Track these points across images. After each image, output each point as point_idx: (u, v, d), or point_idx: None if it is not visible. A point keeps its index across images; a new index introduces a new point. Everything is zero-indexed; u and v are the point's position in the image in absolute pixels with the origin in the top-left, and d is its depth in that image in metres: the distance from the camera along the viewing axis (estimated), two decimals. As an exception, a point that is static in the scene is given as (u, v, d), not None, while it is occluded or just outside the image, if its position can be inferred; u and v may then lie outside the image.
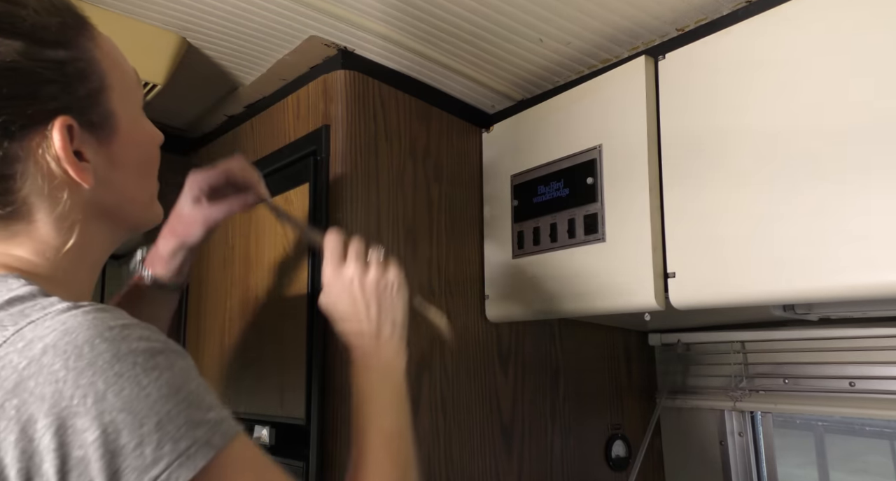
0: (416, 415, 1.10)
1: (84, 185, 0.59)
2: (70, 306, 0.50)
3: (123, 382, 0.47)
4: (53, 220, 0.59)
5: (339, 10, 1.02)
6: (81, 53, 0.59)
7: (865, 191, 0.78)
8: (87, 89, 0.59)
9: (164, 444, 0.47)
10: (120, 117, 0.63)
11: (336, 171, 1.09)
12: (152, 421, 0.47)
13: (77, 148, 0.58)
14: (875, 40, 0.79)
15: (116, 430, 0.46)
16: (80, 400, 0.46)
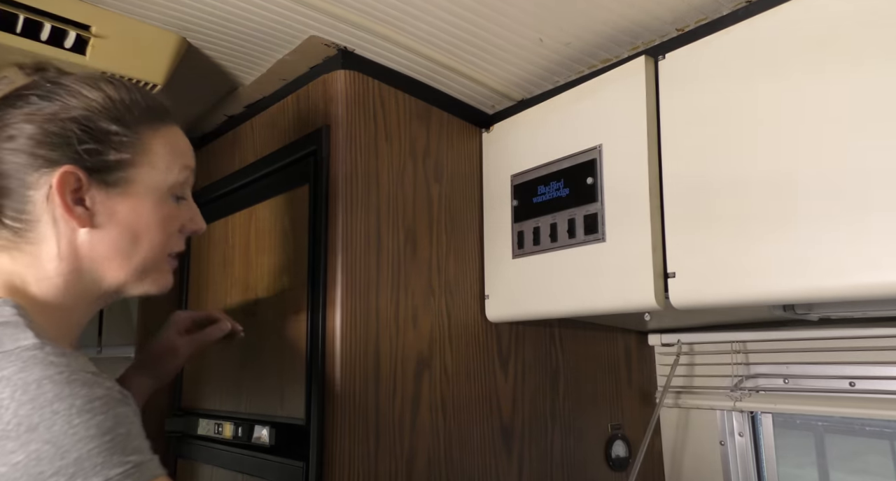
0: (417, 415, 1.10)
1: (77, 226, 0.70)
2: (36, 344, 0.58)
3: (56, 419, 0.54)
4: (55, 249, 0.69)
5: (339, 10, 1.02)
6: (130, 134, 0.73)
7: (866, 191, 0.78)
8: (117, 158, 0.72)
9: (76, 477, 0.53)
10: (137, 187, 0.74)
11: (336, 171, 1.09)
12: (72, 456, 0.53)
13: (82, 196, 0.70)
14: (875, 40, 0.79)
15: (39, 458, 0.53)
16: (15, 427, 0.53)
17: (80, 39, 1.00)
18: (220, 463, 1.26)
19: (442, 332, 1.17)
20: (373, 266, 1.09)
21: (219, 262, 1.38)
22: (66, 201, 0.68)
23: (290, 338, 1.13)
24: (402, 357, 1.10)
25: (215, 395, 1.32)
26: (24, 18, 0.95)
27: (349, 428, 1.01)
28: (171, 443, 1.43)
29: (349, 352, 1.04)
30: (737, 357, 1.38)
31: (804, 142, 0.84)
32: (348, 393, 1.02)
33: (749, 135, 0.89)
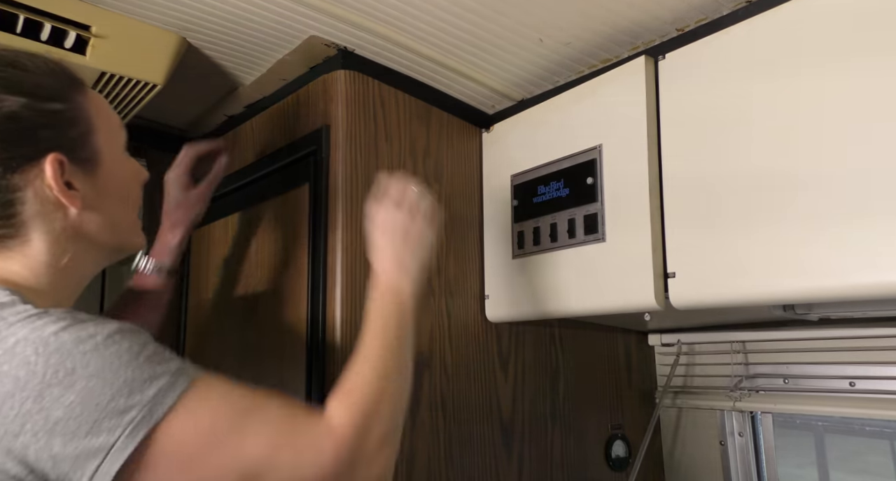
0: (416, 415, 1.10)
1: (73, 209, 0.71)
2: (40, 312, 0.61)
3: (89, 357, 0.58)
4: (46, 241, 0.71)
5: (339, 10, 1.02)
6: (73, 104, 0.73)
7: (866, 191, 0.78)
8: (76, 132, 0.73)
9: (133, 395, 0.58)
10: (104, 154, 0.76)
11: (336, 171, 1.09)
12: (120, 379, 0.58)
13: (67, 179, 0.71)
14: (874, 40, 0.79)
15: (90, 392, 0.57)
16: (53, 375, 0.57)
17: (80, 39, 1.00)
18: (220, 463, 1.26)
19: (442, 332, 1.17)
20: (373, 266, 1.09)
21: (219, 262, 1.38)
22: (62, 187, 0.70)
23: (291, 338, 1.13)
24: (402, 357, 1.10)
25: (215, 395, 1.32)
26: (24, 18, 0.95)
27: (349, 428, 1.01)
28: (171, 443, 1.43)
29: (349, 351, 1.03)
30: (737, 357, 1.38)
31: (804, 142, 0.84)
32: (348, 393, 1.02)
33: (749, 135, 0.89)
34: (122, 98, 1.15)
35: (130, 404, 0.58)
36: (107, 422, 0.57)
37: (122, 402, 0.58)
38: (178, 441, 0.60)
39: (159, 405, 0.60)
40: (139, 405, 0.58)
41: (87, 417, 0.57)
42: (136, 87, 1.11)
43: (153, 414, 0.59)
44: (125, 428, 0.58)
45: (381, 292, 0.86)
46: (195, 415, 0.62)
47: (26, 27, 0.96)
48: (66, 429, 0.56)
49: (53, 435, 0.56)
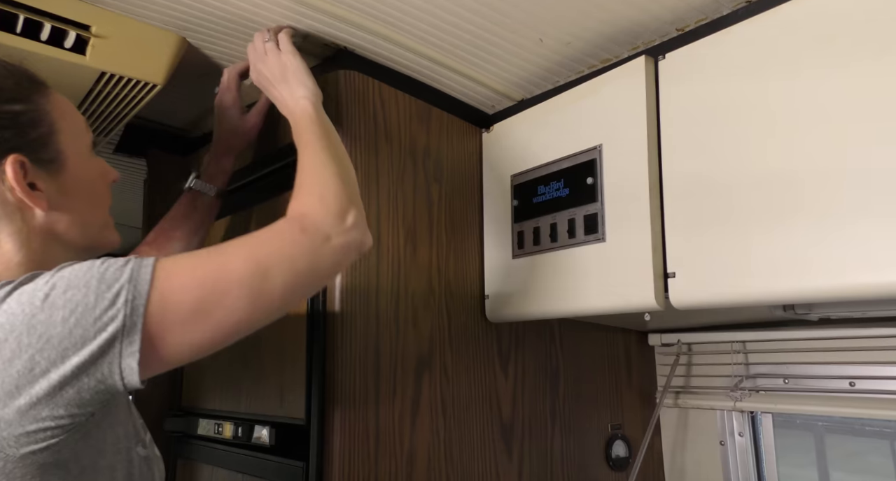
0: (416, 415, 1.10)
1: (38, 210, 0.73)
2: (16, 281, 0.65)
3: (60, 287, 0.62)
4: (16, 241, 0.72)
5: (339, 10, 1.02)
6: (33, 106, 0.74)
7: (866, 190, 0.78)
8: (37, 133, 0.74)
9: (113, 285, 0.63)
10: (68, 155, 0.77)
11: (336, 171, 1.09)
12: (93, 284, 0.63)
13: (31, 180, 0.72)
14: (874, 40, 0.79)
15: (74, 304, 0.61)
16: (40, 306, 0.61)
17: (80, 39, 1.00)
18: (220, 463, 1.26)
19: (442, 332, 1.17)
20: (373, 266, 1.09)
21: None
22: (25, 188, 0.71)
23: (290, 338, 1.13)
24: (402, 357, 1.10)
25: (215, 395, 1.32)
26: (24, 18, 0.95)
27: (349, 428, 1.01)
28: (171, 443, 1.43)
29: (349, 352, 1.04)
30: (737, 357, 1.38)
31: (804, 142, 0.84)
32: (348, 393, 1.02)
33: (749, 135, 0.89)
34: (122, 98, 1.15)
35: (115, 291, 0.63)
36: (106, 315, 0.62)
37: (108, 295, 0.63)
38: (176, 295, 0.65)
39: (140, 278, 0.64)
40: (123, 287, 0.63)
41: (85, 318, 0.61)
42: (136, 87, 1.11)
43: (140, 287, 0.63)
44: (123, 308, 0.62)
45: (296, 125, 0.93)
46: (177, 270, 0.67)
47: (26, 27, 0.96)
48: (71, 341, 0.61)
49: (66, 354, 0.60)
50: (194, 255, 0.71)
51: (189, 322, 0.66)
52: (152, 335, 0.64)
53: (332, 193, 0.80)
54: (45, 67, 1.01)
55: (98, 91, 1.11)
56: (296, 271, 0.73)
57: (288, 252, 0.73)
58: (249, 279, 0.69)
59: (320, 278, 0.78)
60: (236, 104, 1.13)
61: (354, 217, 0.80)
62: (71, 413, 0.62)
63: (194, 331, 0.67)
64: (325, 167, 0.84)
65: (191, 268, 0.68)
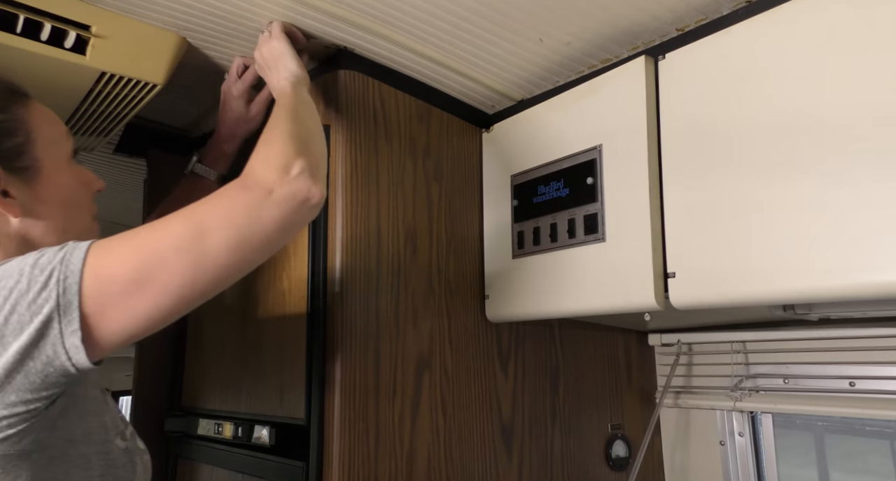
0: (416, 415, 1.10)
1: (12, 217, 0.75)
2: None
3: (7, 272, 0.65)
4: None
5: (339, 10, 1.02)
6: (10, 116, 0.76)
7: (866, 191, 0.78)
8: (12, 143, 0.76)
9: (45, 268, 0.64)
10: (45, 164, 0.78)
11: (336, 171, 1.09)
12: (27, 268, 0.65)
13: (3, 187, 0.74)
14: (874, 40, 0.79)
15: (8, 291, 0.63)
16: None
17: (80, 39, 1.00)
18: (220, 463, 1.26)
19: (442, 332, 1.17)
20: (373, 266, 1.09)
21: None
22: None
23: (290, 338, 1.13)
24: (402, 357, 1.10)
25: (215, 395, 1.32)
26: (25, 18, 0.95)
27: (349, 428, 1.01)
28: (171, 443, 1.43)
29: (349, 351, 1.04)
30: (737, 357, 1.38)
31: (803, 142, 0.84)
32: (348, 393, 1.02)
33: (749, 136, 0.89)
34: (122, 98, 1.15)
35: (48, 274, 0.64)
36: (41, 296, 0.63)
37: (40, 278, 0.64)
38: (112, 269, 0.66)
39: (72, 258, 0.65)
40: (56, 268, 0.64)
41: (20, 304, 0.63)
42: (136, 87, 1.11)
43: (72, 266, 0.64)
44: (55, 288, 0.63)
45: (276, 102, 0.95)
46: (111, 247, 0.67)
47: (26, 27, 0.96)
48: (9, 328, 0.62)
49: (6, 342, 0.62)
50: (132, 230, 0.70)
51: (129, 293, 0.66)
52: (92, 311, 0.64)
53: (276, 150, 0.79)
54: (45, 67, 1.01)
55: (98, 91, 1.11)
56: (236, 227, 0.70)
57: (226, 209, 0.72)
58: (188, 241, 0.68)
59: (266, 234, 0.73)
60: (242, 94, 1.14)
61: (300, 167, 0.76)
62: (24, 399, 0.63)
63: (137, 302, 0.66)
64: (278, 130, 0.83)
65: (126, 240, 0.68)
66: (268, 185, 0.74)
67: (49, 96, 1.11)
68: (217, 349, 1.35)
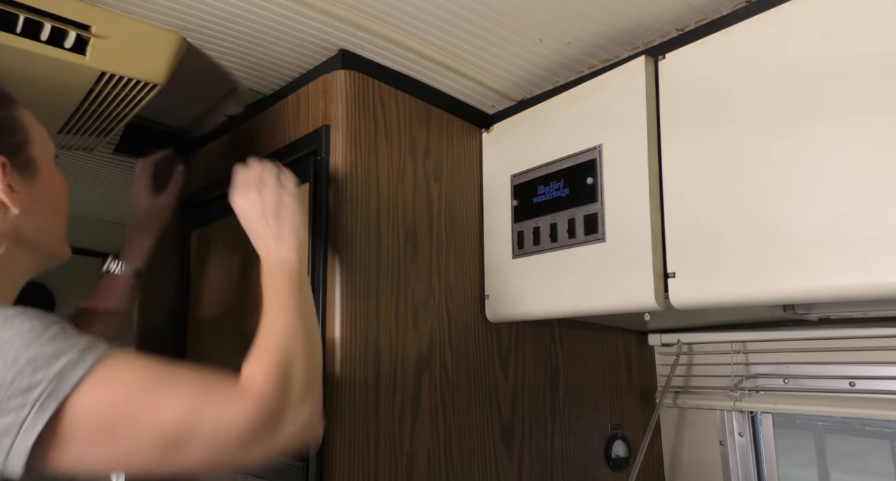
0: (417, 415, 1.10)
1: (14, 210, 0.76)
2: None
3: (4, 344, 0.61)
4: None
5: (339, 10, 1.02)
6: (9, 113, 0.79)
7: (867, 190, 0.78)
8: (14, 139, 0.78)
9: (38, 372, 0.60)
10: (40, 162, 0.82)
11: (336, 171, 1.09)
12: (22, 359, 0.60)
13: (9, 182, 0.76)
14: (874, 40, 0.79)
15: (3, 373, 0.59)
16: None
17: (80, 39, 1.00)
18: (220, 463, 1.26)
19: (442, 332, 1.17)
20: (373, 266, 1.09)
21: (218, 263, 1.38)
22: (6, 188, 0.75)
23: (290, 338, 1.13)
24: (402, 357, 1.10)
25: (215, 395, 1.32)
26: (25, 18, 0.95)
27: (349, 428, 1.01)
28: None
29: (349, 351, 1.04)
30: (737, 357, 1.38)
31: (804, 142, 0.84)
32: (348, 393, 1.02)
33: (749, 135, 0.89)
34: (122, 98, 1.15)
35: (35, 381, 0.59)
36: (13, 401, 0.59)
37: (26, 380, 0.59)
38: (91, 413, 0.62)
39: (66, 380, 0.61)
40: (45, 381, 0.60)
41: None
42: (136, 87, 1.11)
43: (60, 389, 0.60)
44: (32, 405, 0.59)
45: (271, 269, 0.87)
46: (107, 387, 0.63)
47: (26, 27, 0.96)
48: None
49: None
50: (135, 374, 0.66)
51: (93, 441, 0.62)
52: (53, 437, 0.60)
53: (296, 371, 0.73)
54: (45, 67, 1.01)
55: (98, 91, 1.11)
56: (223, 448, 0.66)
57: (226, 423, 0.66)
58: (169, 436, 0.64)
59: (248, 459, 0.69)
60: (148, 189, 1.23)
61: (312, 403, 0.73)
62: None
63: (94, 451, 0.63)
64: (295, 337, 0.78)
65: (123, 390, 0.64)
66: (276, 415, 0.69)
67: (49, 96, 1.12)
68: (217, 349, 1.35)
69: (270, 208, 0.92)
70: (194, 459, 0.65)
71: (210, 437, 0.65)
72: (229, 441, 0.66)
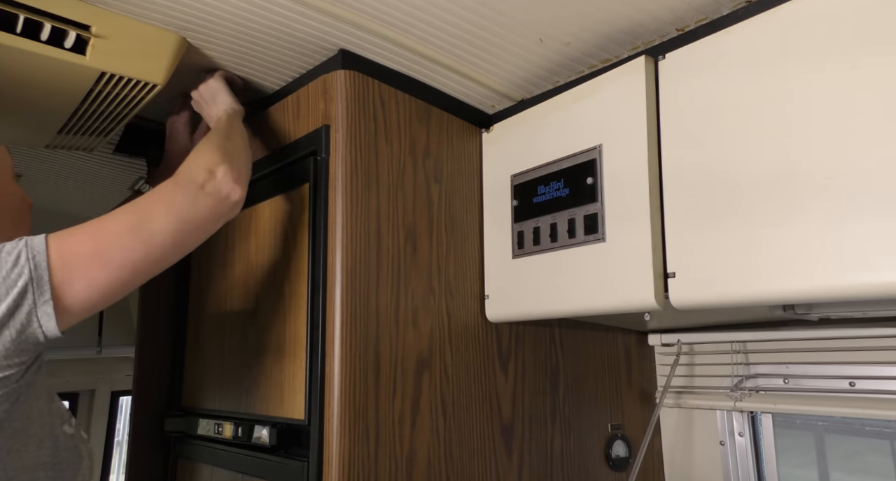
0: (417, 415, 1.10)
1: None
2: None
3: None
4: None
5: (339, 10, 1.02)
6: None
7: (866, 190, 0.78)
8: None
9: (18, 261, 0.74)
10: None
11: (336, 171, 1.09)
12: None
13: None
14: (874, 40, 0.79)
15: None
16: None
17: (80, 39, 1.00)
18: (220, 463, 1.26)
19: (442, 332, 1.17)
20: (373, 266, 1.09)
21: (219, 262, 1.38)
22: None
23: (290, 338, 1.13)
24: (402, 357, 1.10)
25: (215, 395, 1.33)
26: (25, 18, 0.95)
27: (349, 428, 1.01)
28: (171, 443, 1.43)
29: (349, 352, 1.04)
30: (737, 357, 1.38)
31: (804, 141, 0.84)
32: (348, 393, 1.02)
33: (749, 136, 0.89)
34: (122, 98, 1.15)
35: (15, 255, 0.73)
36: (13, 272, 0.72)
37: (8, 260, 0.73)
38: (72, 248, 0.77)
39: (34, 243, 0.74)
40: (21, 249, 0.74)
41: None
42: (136, 87, 1.11)
43: (37, 250, 0.74)
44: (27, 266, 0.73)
45: (213, 125, 1.14)
46: (71, 229, 0.79)
47: (26, 27, 0.96)
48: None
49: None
50: (85, 222, 0.81)
51: (91, 267, 0.77)
52: (60, 283, 0.75)
53: (205, 156, 0.97)
54: (45, 67, 1.01)
55: (98, 91, 1.11)
56: (175, 212, 0.87)
57: (166, 199, 0.89)
58: (136, 223, 0.83)
59: (201, 220, 0.91)
60: (186, 127, 1.31)
61: (224, 170, 0.96)
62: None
63: (98, 274, 0.78)
64: (209, 142, 1.01)
65: (81, 227, 0.80)
66: (198, 182, 0.93)
67: (49, 96, 1.12)
68: (217, 349, 1.35)
69: (206, 96, 1.19)
70: (166, 231, 0.86)
71: (161, 217, 0.86)
72: (174, 211, 0.88)
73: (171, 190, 0.91)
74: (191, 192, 0.91)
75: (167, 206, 0.88)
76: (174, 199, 0.89)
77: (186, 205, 0.89)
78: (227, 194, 0.95)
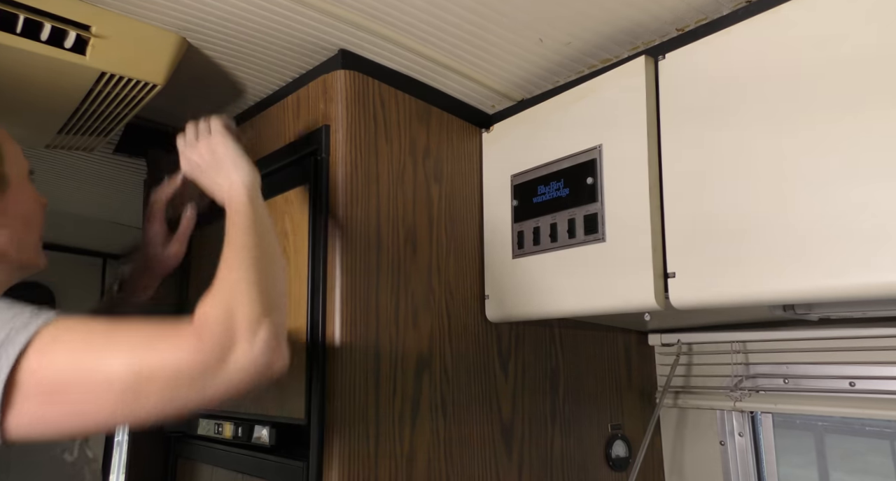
0: (417, 415, 1.10)
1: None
2: None
3: None
4: None
5: (339, 10, 1.02)
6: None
7: (867, 189, 0.78)
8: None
9: None
10: (11, 179, 0.83)
11: (336, 171, 1.09)
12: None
13: None
14: (874, 40, 0.79)
15: None
16: None
17: (80, 39, 1.00)
18: (220, 463, 1.26)
19: (442, 332, 1.17)
20: (373, 266, 1.09)
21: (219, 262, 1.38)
22: None
23: (290, 338, 1.13)
24: (402, 357, 1.10)
25: (215, 395, 1.32)
26: (25, 18, 0.95)
27: (349, 428, 1.01)
28: (170, 443, 1.43)
29: (349, 352, 1.04)
30: (737, 357, 1.38)
31: (804, 141, 0.84)
32: (348, 393, 1.02)
33: (749, 135, 0.89)
34: (122, 98, 1.15)
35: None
36: None
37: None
38: (41, 375, 0.62)
39: (12, 345, 0.62)
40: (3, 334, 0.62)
41: None
42: (136, 87, 1.11)
43: (8, 355, 0.61)
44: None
45: (230, 211, 0.87)
46: (53, 348, 0.64)
47: (26, 27, 0.96)
48: None
49: None
50: (80, 335, 0.67)
51: (48, 403, 0.63)
52: (8, 402, 0.62)
53: (243, 303, 0.71)
54: (45, 67, 1.01)
55: (98, 91, 1.11)
56: (176, 388, 0.65)
57: (174, 367, 0.65)
58: (122, 386, 0.63)
59: (207, 399, 0.67)
60: (161, 234, 1.10)
61: (266, 332, 0.70)
62: None
63: (52, 412, 0.64)
64: (244, 270, 0.76)
65: (69, 350, 0.65)
66: (224, 350, 0.67)
67: (49, 96, 1.12)
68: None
69: (208, 159, 0.93)
70: (151, 407, 0.65)
71: (161, 383, 0.65)
72: (179, 383, 0.65)
73: (185, 351, 0.66)
74: (209, 365, 0.66)
75: (172, 375, 0.65)
76: (183, 368, 0.65)
77: (197, 380, 0.66)
78: (266, 368, 0.71)
